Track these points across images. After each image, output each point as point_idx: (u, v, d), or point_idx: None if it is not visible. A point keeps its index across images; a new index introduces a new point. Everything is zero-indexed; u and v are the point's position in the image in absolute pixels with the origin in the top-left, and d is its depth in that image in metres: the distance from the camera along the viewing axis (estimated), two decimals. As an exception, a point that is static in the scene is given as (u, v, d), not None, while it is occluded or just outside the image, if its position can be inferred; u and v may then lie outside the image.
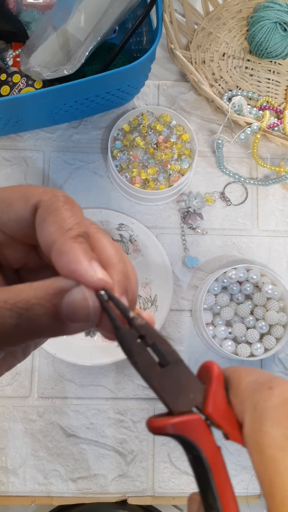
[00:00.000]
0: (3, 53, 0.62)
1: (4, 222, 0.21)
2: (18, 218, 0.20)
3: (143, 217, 0.65)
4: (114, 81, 0.55)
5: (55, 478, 0.60)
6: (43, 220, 0.19)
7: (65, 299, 0.18)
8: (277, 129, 0.67)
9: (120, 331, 0.20)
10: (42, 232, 0.19)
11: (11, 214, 0.20)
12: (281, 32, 0.66)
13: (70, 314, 0.18)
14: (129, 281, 0.21)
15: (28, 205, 0.20)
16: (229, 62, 0.70)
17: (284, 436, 0.21)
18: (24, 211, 0.20)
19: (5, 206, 0.20)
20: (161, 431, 0.21)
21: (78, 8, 0.54)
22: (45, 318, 0.18)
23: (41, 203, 0.20)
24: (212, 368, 0.23)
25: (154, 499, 0.60)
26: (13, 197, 0.20)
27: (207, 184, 0.67)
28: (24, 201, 0.20)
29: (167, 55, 0.70)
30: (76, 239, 0.19)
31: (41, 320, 0.18)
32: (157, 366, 0.21)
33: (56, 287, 0.18)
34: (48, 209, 0.19)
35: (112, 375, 0.62)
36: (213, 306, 0.62)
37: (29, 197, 0.20)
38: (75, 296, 0.18)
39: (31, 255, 0.23)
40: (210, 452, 0.21)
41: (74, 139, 0.67)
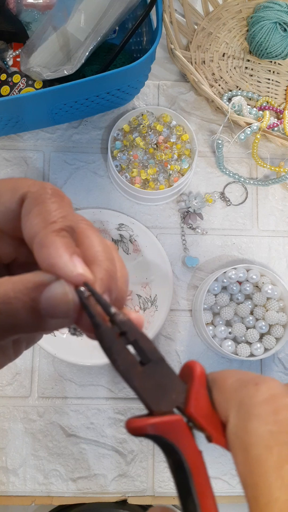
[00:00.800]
0: (3, 53, 0.62)
1: None
2: (6, 210, 0.20)
3: (143, 217, 0.65)
4: (114, 81, 0.55)
5: (55, 478, 0.60)
6: (28, 211, 0.19)
7: (44, 293, 0.18)
8: (277, 129, 0.67)
9: (99, 328, 0.19)
10: (26, 224, 0.19)
11: (0, 207, 0.20)
12: (281, 32, 0.66)
13: (49, 309, 0.18)
14: (114, 280, 0.20)
15: (15, 196, 0.20)
16: (229, 62, 0.70)
17: (270, 434, 0.19)
18: (11, 202, 0.20)
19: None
20: (140, 432, 0.20)
21: (78, 8, 0.54)
22: (23, 312, 0.18)
23: (28, 194, 0.19)
24: (195, 368, 0.22)
25: (154, 499, 0.60)
26: (1, 189, 0.20)
27: (207, 184, 0.67)
28: (12, 192, 0.20)
29: (167, 55, 0.70)
30: (59, 232, 0.18)
31: (20, 315, 0.17)
32: (138, 365, 0.20)
33: (35, 281, 0.18)
34: (35, 201, 0.19)
35: (112, 375, 0.62)
36: (213, 306, 0.62)
37: (17, 188, 0.20)
38: (54, 290, 0.18)
39: (21, 249, 0.22)
40: (191, 456, 0.20)
41: (74, 139, 0.67)
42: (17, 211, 0.20)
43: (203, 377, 0.22)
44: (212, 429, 0.21)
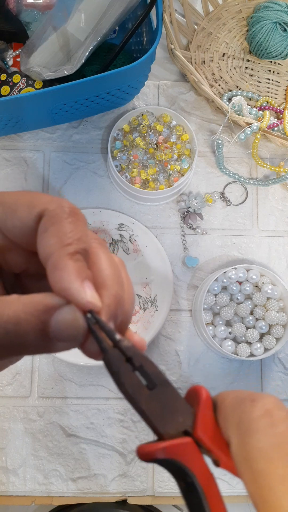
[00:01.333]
0: (3, 53, 0.62)
1: (8, 227, 0.20)
2: (22, 225, 0.20)
3: (143, 217, 0.65)
4: (114, 81, 0.55)
5: (55, 478, 0.60)
6: (45, 230, 0.19)
7: (54, 317, 0.18)
8: (277, 129, 0.67)
9: (107, 353, 0.20)
10: (42, 243, 0.19)
11: (15, 221, 0.20)
12: (281, 32, 0.66)
13: (58, 333, 0.18)
14: (121, 304, 0.21)
15: (33, 213, 0.20)
16: (229, 62, 0.70)
17: (271, 446, 0.20)
18: (29, 219, 0.20)
19: (10, 212, 0.20)
20: (151, 457, 0.20)
21: (78, 8, 0.54)
22: (32, 334, 0.18)
23: (46, 212, 0.19)
24: (200, 392, 0.22)
25: (154, 499, 0.60)
26: (18, 203, 0.20)
27: (207, 184, 0.67)
28: (29, 208, 0.20)
29: (167, 55, 0.70)
30: (72, 256, 0.18)
31: (28, 336, 0.18)
32: (145, 389, 0.21)
33: (46, 303, 0.18)
34: (51, 219, 0.19)
35: (112, 375, 0.62)
36: (213, 306, 0.62)
37: (34, 204, 0.20)
38: (65, 315, 0.18)
39: (33, 261, 0.22)
40: (203, 478, 0.20)
41: (74, 139, 0.67)
42: (33, 228, 0.20)
43: (209, 401, 0.22)
44: (220, 453, 0.21)
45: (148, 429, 0.59)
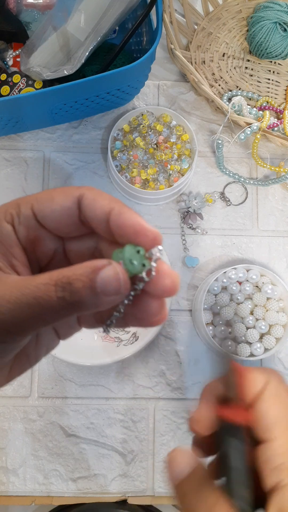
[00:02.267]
0: (3, 53, 0.62)
1: (46, 214, 0.24)
2: (62, 208, 0.24)
3: (143, 217, 0.65)
4: (114, 81, 0.55)
5: (55, 478, 0.60)
6: (93, 200, 0.23)
7: (100, 274, 0.21)
8: (277, 129, 0.67)
9: None
10: (96, 206, 0.23)
11: (55, 206, 0.24)
12: (281, 32, 0.66)
13: (104, 287, 0.21)
14: None
15: (71, 196, 0.24)
16: (229, 62, 0.70)
17: None
18: (68, 202, 0.24)
19: (47, 201, 0.24)
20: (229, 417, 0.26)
21: (78, 8, 0.54)
22: (83, 291, 0.21)
23: (85, 193, 0.24)
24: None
25: (154, 499, 0.60)
26: (53, 194, 0.24)
27: (207, 184, 0.67)
28: (65, 194, 0.24)
29: (167, 55, 0.70)
30: (128, 208, 0.23)
31: (81, 292, 0.21)
32: None
33: (92, 265, 0.21)
34: (95, 194, 0.24)
35: (112, 375, 0.62)
36: (213, 306, 0.62)
37: (70, 192, 0.24)
38: (108, 271, 0.21)
39: (59, 250, 0.26)
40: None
41: (74, 139, 0.67)
42: (73, 208, 0.24)
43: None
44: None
45: (147, 429, 0.59)
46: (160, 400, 0.62)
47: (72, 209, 0.24)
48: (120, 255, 0.22)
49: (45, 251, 0.26)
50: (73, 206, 0.24)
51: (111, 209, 0.23)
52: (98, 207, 0.23)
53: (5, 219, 0.24)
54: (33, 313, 0.21)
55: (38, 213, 0.24)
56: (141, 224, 0.23)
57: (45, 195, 0.24)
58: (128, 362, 0.62)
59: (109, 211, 0.23)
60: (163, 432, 0.61)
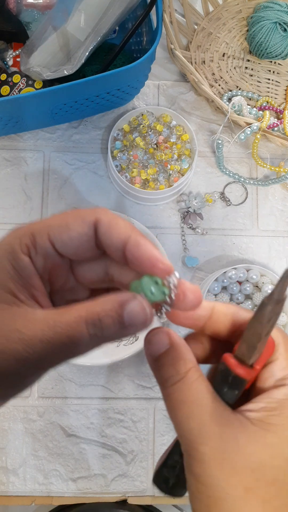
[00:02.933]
0: (3, 53, 0.62)
1: (64, 241, 0.24)
2: (79, 235, 0.24)
3: (143, 217, 0.65)
4: (114, 81, 0.55)
5: (55, 478, 0.60)
6: (109, 227, 0.24)
7: (126, 308, 0.22)
8: (277, 129, 0.67)
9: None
10: (113, 234, 0.24)
11: (72, 233, 0.24)
12: (281, 32, 0.66)
13: (131, 320, 0.22)
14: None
15: (88, 222, 0.24)
16: (229, 62, 0.70)
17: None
18: (84, 228, 0.24)
19: (63, 228, 0.24)
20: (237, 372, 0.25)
21: (78, 8, 0.54)
22: (113, 326, 0.22)
23: (101, 218, 0.24)
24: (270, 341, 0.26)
25: (154, 499, 0.60)
26: (68, 220, 0.24)
27: (207, 184, 0.67)
28: (81, 220, 0.24)
29: (167, 55, 0.70)
30: (143, 236, 0.24)
31: (110, 328, 0.22)
32: None
33: (119, 300, 0.22)
34: (112, 220, 0.24)
35: (112, 375, 0.62)
36: (213, 306, 0.62)
37: (85, 217, 0.24)
38: (134, 305, 0.22)
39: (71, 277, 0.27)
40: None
41: (74, 139, 0.67)
42: (90, 234, 0.24)
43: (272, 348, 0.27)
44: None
45: (147, 429, 0.59)
46: (160, 400, 0.62)
47: (88, 235, 0.24)
48: (139, 287, 0.24)
49: (60, 276, 0.27)
50: (89, 232, 0.24)
51: (127, 238, 0.24)
52: (114, 235, 0.24)
53: (22, 251, 0.24)
54: (65, 350, 0.22)
55: (56, 242, 0.24)
56: (156, 257, 0.24)
57: (59, 221, 0.24)
58: (128, 362, 0.62)
59: (125, 241, 0.24)
60: (163, 432, 0.61)
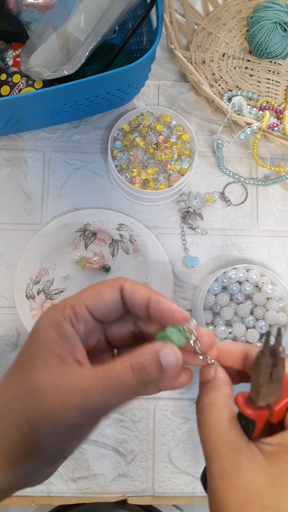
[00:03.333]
0: (3, 53, 0.62)
1: (99, 307, 0.30)
2: (110, 301, 0.30)
3: (143, 217, 0.65)
4: (114, 81, 0.55)
5: (55, 478, 0.60)
6: (133, 290, 0.30)
7: (162, 354, 0.27)
8: (277, 129, 0.67)
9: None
10: (136, 296, 0.30)
11: (105, 299, 0.30)
12: (281, 32, 0.66)
13: (167, 364, 0.27)
14: None
15: (115, 290, 0.30)
16: (229, 62, 0.70)
17: None
18: (114, 294, 0.30)
19: (97, 297, 0.30)
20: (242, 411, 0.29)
21: (78, 8, 0.54)
22: (154, 369, 0.27)
23: (125, 284, 0.30)
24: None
25: (154, 499, 0.60)
26: (100, 290, 0.30)
27: (207, 184, 0.67)
28: (110, 288, 0.30)
29: (167, 55, 0.70)
30: (161, 295, 0.30)
31: (153, 372, 0.27)
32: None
33: (154, 348, 0.27)
34: (133, 285, 0.30)
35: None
36: (213, 306, 0.62)
37: (113, 285, 0.30)
38: (167, 351, 0.27)
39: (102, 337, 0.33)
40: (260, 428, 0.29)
41: (74, 139, 0.67)
42: (118, 299, 0.30)
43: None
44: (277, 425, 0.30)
45: (147, 429, 0.59)
46: (160, 400, 0.62)
47: (117, 299, 0.30)
48: (165, 336, 0.29)
49: (94, 337, 0.32)
50: (117, 297, 0.30)
51: (149, 298, 0.30)
52: (138, 297, 0.30)
53: (65, 321, 0.29)
54: (118, 397, 0.27)
55: (92, 309, 0.30)
56: (175, 308, 0.29)
57: (92, 292, 0.30)
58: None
59: (148, 300, 0.30)
60: (163, 432, 0.61)
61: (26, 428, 0.27)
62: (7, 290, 0.63)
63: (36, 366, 0.28)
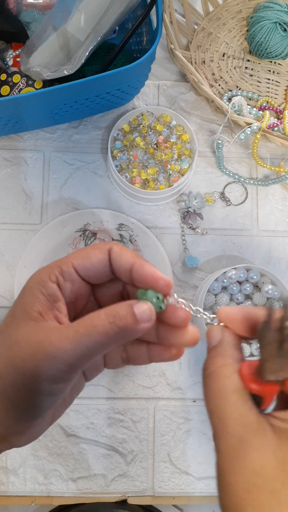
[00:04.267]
0: (3, 53, 0.62)
1: (86, 267, 0.30)
2: (98, 262, 0.30)
3: (143, 217, 0.65)
4: (114, 81, 0.55)
5: (55, 478, 0.60)
6: (120, 254, 0.30)
7: (136, 306, 0.27)
8: (277, 129, 0.67)
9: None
10: (122, 259, 0.30)
11: (92, 260, 0.30)
12: (281, 32, 0.66)
13: (141, 315, 0.27)
14: None
15: (104, 252, 0.30)
16: (229, 62, 0.70)
17: None
18: (101, 256, 0.30)
19: (85, 257, 0.30)
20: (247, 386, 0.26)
21: (78, 8, 0.54)
22: (127, 316, 0.27)
23: (113, 248, 0.30)
24: None
25: (154, 499, 0.60)
26: (88, 251, 0.30)
27: (207, 184, 0.67)
28: (99, 251, 0.30)
29: (167, 55, 0.70)
30: (147, 261, 0.30)
31: (126, 317, 0.27)
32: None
33: (129, 302, 0.28)
34: (121, 249, 0.30)
35: (112, 375, 0.62)
36: (213, 306, 0.62)
37: (101, 248, 0.30)
38: (142, 304, 0.28)
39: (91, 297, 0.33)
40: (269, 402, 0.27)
41: (74, 139, 0.67)
42: (106, 259, 0.30)
43: None
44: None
45: (147, 429, 0.59)
46: (160, 400, 0.62)
47: (105, 260, 0.30)
48: (143, 296, 0.29)
49: (83, 299, 0.32)
50: (105, 258, 0.30)
51: (133, 262, 0.29)
52: (123, 260, 0.30)
53: (50, 280, 0.29)
54: (92, 343, 0.26)
55: (79, 269, 0.30)
56: (157, 274, 0.29)
57: (81, 253, 0.30)
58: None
59: (132, 263, 0.29)
60: (163, 432, 0.61)
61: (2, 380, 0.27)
62: (7, 290, 0.63)
63: (17, 323, 0.28)
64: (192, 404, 0.62)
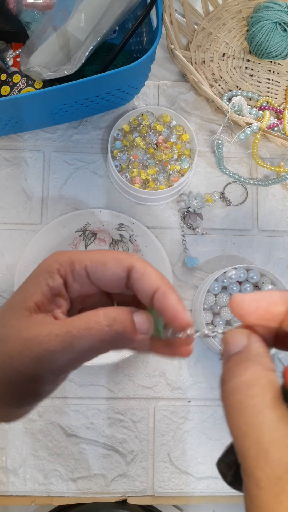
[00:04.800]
0: (3, 53, 0.62)
1: (99, 277, 0.28)
2: (113, 275, 0.27)
3: (143, 217, 0.65)
4: (114, 81, 0.55)
5: (55, 478, 0.60)
6: (143, 275, 0.27)
7: (136, 314, 0.26)
8: (277, 129, 0.67)
9: None
10: (144, 281, 0.27)
11: (106, 272, 0.27)
12: (281, 32, 0.66)
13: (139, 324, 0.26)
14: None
15: (122, 266, 0.27)
16: (229, 62, 0.70)
17: None
18: (119, 270, 0.27)
19: (101, 265, 0.27)
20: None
21: (78, 8, 0.54)
22: (126, 321, 0.26)
23: (136, 265, 0.28)
24: None
25: (154, 499, 0.60)
26: (106, 259, 0.28)
27: (207, 184, 0.67)
28: (118, 262, 0.27)
29: (167, 55, 0.70)
30: (172, 289, 0.27)
31: (125, 322, 0.26)
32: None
33: (130, 309, 0.27)
34: (144, 268, 0.28)
35: (112, 375, 0.62)
36: (213, 306, 0.62)
37: (122, 260, 0.27)
38: (142, 314, 0.27)
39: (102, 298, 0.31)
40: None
41: (74, 139, 0.67)
42: (123, 276, 0.28)
43: None
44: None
45: (147, 429, 0.59)
46: (160, 400, 0.62)
47: (122, 277, 0.28)
48: (151, 312, 0.27)
49: (93, 297, 0.30)
50: (123, 275, 0.28)
51: (157, 288, 0.27)
52: (146, 284, 0.27)
53: (59, 273, 0.27)
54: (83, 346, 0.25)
55: (91, 275, 0.28)
56: (178, 312, 0.26)
57: (99, 257, 0.28)
58: (128, 362, 0.62)
59: (155, 290, 0.27)
60: (163, 432, 0.61)
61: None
62: (7, 290, 0.63)
63: (11, 314, 0.27)
64: (192, 404, 0.62)
